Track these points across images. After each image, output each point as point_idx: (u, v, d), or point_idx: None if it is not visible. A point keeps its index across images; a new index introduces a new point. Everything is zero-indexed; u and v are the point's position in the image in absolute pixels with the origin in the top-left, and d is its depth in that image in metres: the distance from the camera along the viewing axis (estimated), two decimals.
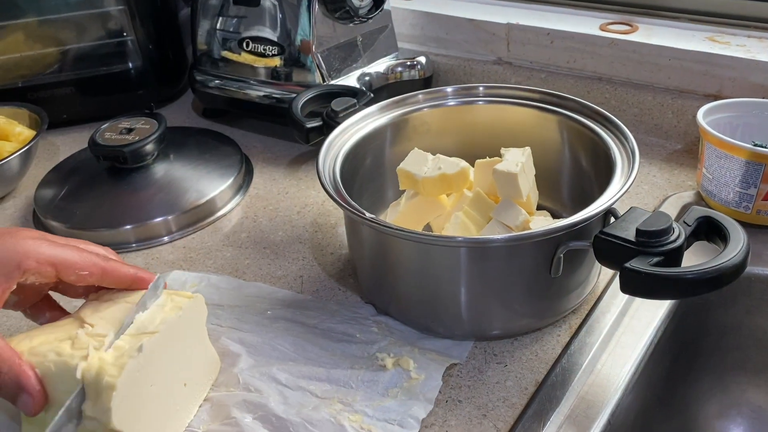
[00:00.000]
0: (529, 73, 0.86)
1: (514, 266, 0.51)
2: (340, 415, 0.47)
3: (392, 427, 0.46)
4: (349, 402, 0.48)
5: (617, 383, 0.51)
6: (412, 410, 0.48)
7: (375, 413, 0.47)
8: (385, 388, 0.49)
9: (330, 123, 0.66)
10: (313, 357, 0.51)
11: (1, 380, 0.42)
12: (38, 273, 0.44)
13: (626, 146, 0.56)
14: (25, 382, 0.42)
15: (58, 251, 0.45)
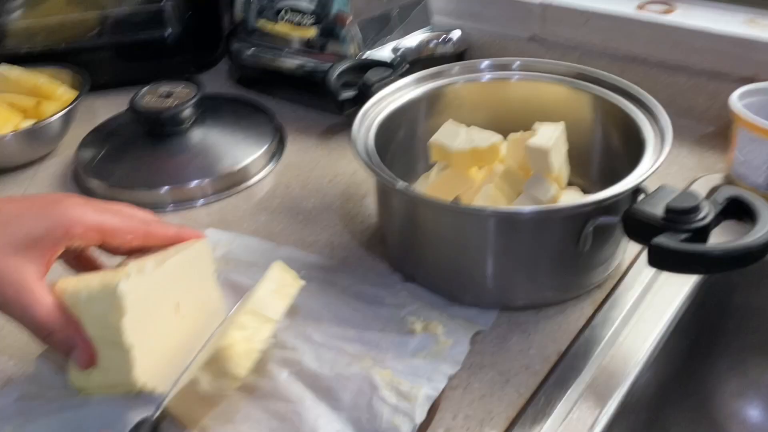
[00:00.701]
0: (563, 51, 0.86)
1: (542, 239, 0.52)
2: (372, 369, 0.49)
3: (421, 380, 0.48)
4: (379, 360, 0.50)
5: (638, 357, 0.52)
6: (440, 367, 0.49)
7: (404, 369, 0.49)
8: (414, 350, 0.51)
9: (364, 94, 0.67)
10: (345, 318, 0.53)
11: (55, 337, 0.44)
12: (84, 239, 0.46)
13: (658, 125, 0.57)
14: (80, 342, 0.44)
15: (104, 218, 0.47)
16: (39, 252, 0.44)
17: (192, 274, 0.51)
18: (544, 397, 0.49)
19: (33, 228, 0.44)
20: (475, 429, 0.47)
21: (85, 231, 0.46)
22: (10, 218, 0.44)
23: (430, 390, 0.47)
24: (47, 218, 0.45)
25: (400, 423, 0.45)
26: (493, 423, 0.48)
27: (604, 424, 0.48)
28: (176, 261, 0.49)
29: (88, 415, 0.47)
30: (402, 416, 0.45)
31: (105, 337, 0.45)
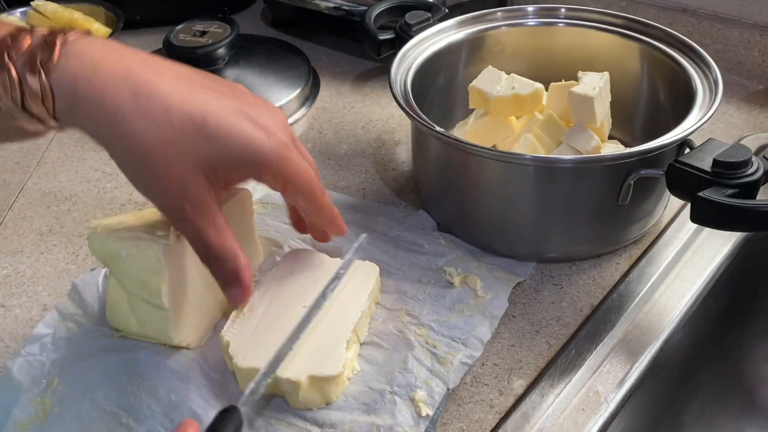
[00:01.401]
0: (610, 0, 0.83)
1: (581, 190, 0.51)
2: (407, 328, 0.49)
3: (457, 345, 0.47)
4: (416, 314, 0.50)
5: (673, 314, 0.51)
6: (476, 330, 0.48)
7: (441, 329, 0.48)
8: (451, 303, 0.50)
9: (403, 36, 0.65)
10: (382, 267, 0.52)
11: (223, 268, 0.42)
12: (272, 183, 0.43)
13: (709, 78, 0.55)
14: (244, 276, 0.42)
15: (304, 175, 0.43)
16: (228, 178, 0.42)
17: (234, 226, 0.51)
18: (574, 349, 0.48)
19: (233, 156, 0.40)
20: (504, 377, 0.47)
21: (279, 179, 0.42)
22: (218, 133, 0.39)
23: (466, 358, 0.47)
24: (253, 153, 0.40)
25: (434, 385, 0.45)
26: (521, 372, 0.47)
27: (634, 379, 0.47)
28: None
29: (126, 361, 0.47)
30: (437, 379, 0.45)
31: (142, 294, 0.45)
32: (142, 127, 0.38)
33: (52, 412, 0.45)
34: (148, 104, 0.38)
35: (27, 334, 0.52)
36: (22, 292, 0.56)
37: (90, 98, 0.38)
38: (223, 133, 0.39)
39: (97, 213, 0.65)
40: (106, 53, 0.38)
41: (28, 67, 0.37)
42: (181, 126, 0.38)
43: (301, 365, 0.43)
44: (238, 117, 0.40)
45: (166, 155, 0.38)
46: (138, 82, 0.38)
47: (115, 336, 0.48)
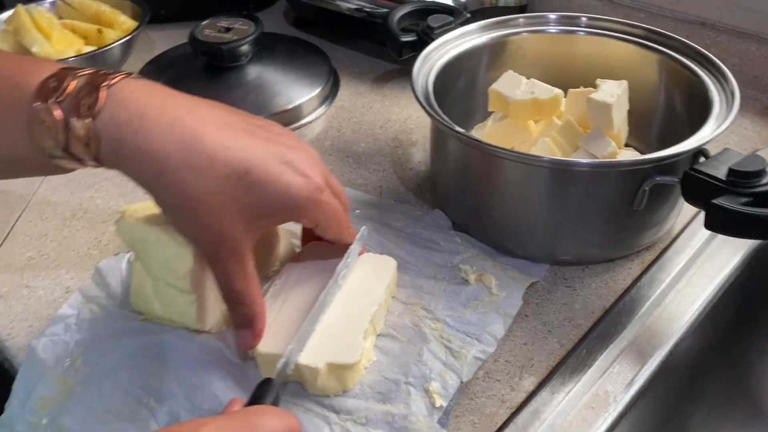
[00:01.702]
0: (628, 11, 0.84)
1: (597, 194, 0.52)
2: (422, 322, 0.50)
3: (471, 340, 0.48)
4: (431, 309, 0.51)
5: (683, 320, 0.52)
6: (490, 327, 0.50)
7: (455, 324, 0.49)
8: (466, 300, 0.51)
9: (425, 39, 0.66)
10: (399, 262, 0.53)
11: (241, 312, 0.44)
12: (307, 224, 0.46)
13: (726, 90, 0.56)
14: (258, 324, 0.44)
15: (340, 215, 0.46)
16: (264, 225, 0.43)
17: None
18: (585, 349, 0.49)
19: (273, 204, 0.41)
20: (516, 374, 0.48)
21: (314, 220, 0.44)
22: (259, 182, 0.40)
23: (479, 353, 0.48)
24: (291, 201, 0.42)
25: (448, 378, 0.46)
26: (533, 369, 0.48)
27: (643, 381, 0.48)
28: None
29: (148, 344, 0.48)
30: (451, 372, 0.46)
31: (167, 278, 0.46)
32: (189, 178, 0.39)
33: (74, 391, 0.46)
34: (194, 155, 0.39)
35: (50, 315, 0.53)
36: (45, 275, 0.58)
37: (137, 146, 0.38)
38: (264, 181, 0.40)
39: (120, 200, 0.66)
40: (150, 100, 0.39)
41: (74, 112, 0.38)
42: (226, 177, 0.39)
43: (319, 353, 0.44)
44: (278, 164, 0.41)
45: (209, 205, 0.40)
46: (184, 131, 0.39)
47: (138, 319, 0.50)
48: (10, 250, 0.60)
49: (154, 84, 0.41)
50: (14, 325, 0.53)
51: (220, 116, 0.42)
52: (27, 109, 0.38)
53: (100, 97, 0.38)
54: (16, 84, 0.39)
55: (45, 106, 0.38)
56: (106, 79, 0.39)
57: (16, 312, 0.54)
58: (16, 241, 0.61)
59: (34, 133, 0.39)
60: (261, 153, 0.41)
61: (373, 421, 0.43)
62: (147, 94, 0.40)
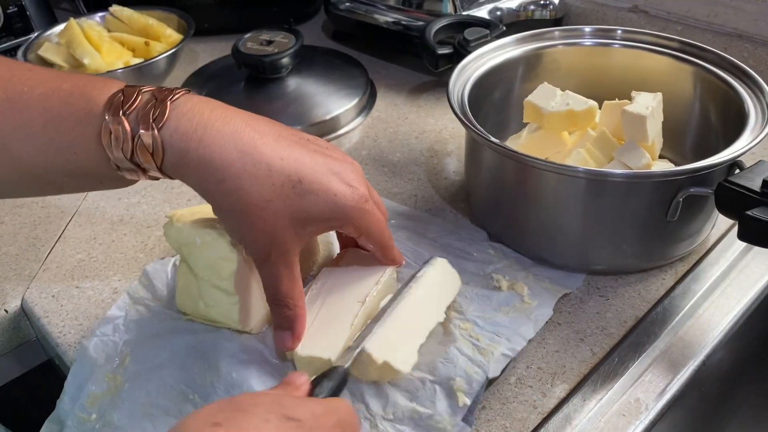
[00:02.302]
0: (664, 24, 0.84)
1: (631, 204, 0.52)
2: (452, 323, 0.51)
3: (500, 339, 0.49)
4: (462, 311, 0.52)
5: (716, 331, 0.52)
6: (521, 329, 0.50)
7: (485, 324, 0.51)
8: (497, 305, 0.53)
9: (461, 51, 0.68)
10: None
11: (283, 314, 0.46)
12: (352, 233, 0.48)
13: (762, 102, 0.56)
14: (298, 327, 0.46)
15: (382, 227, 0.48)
16: (312, 231, 0.45)
17: None
18: (617, 358, 0.50)
19: (322, 211, 0.44)
20: (547, 380, 0.49)
21: (357, 229, 0.47)
22: (310, 190, 0.43)
23: (507, 350, 0.49)
24: (339, 208, 0.44)
25: (473, 373, 0.47)
26: (564, 377, 0.49)
27: (675, 390, 0.49)
28: None
29: (192, 343, 0.50)
30: (476, 368, 0.47)
31: (213, 280, 0.48)
32: (247, 185, 0.42)
33: (123, 388, 0.48)
34: (253, 165, 0.42)
35: (99, 315, 0.56)
36: (95, 276, 0.60)
37: (200, 156, 0.41)
38: (314, 189, 0.43)
39: (165, 206, 0.69)
40: (212, 114, 0.42)
41: (142, 123, 0.41)
42: (281, 185, 0.42)
43: (383, 347, 0.45)
44: (327, 174, 0.44)
45: (265, 211, 0.42)
46: (244, 142, 0.42)
47: (182, 319, 0.52)
48: (62, 252, 0.63)
49: (212, 100, 0.44)
50: (65, 323, 0.56)
51: (274, 130, 0.44)
52: (98, 122, 0.41)
53: (166, 109, 0.41)
54: (87, 99, 0.42)
55: (114, 118, 0.41)
56: (170, 94, 0.42)
57: (67, 311, 0.57)
58: (67, 244, 0.64)
59: (103, 145, 0.42)
60: (311, 163, 0.44)
61: (400, 418, 0.45)
62: (208, 108, 0.43)
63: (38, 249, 0.64)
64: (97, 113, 0.41)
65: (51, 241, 0.65)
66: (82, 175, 0.44)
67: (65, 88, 0.42)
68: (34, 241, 0.65)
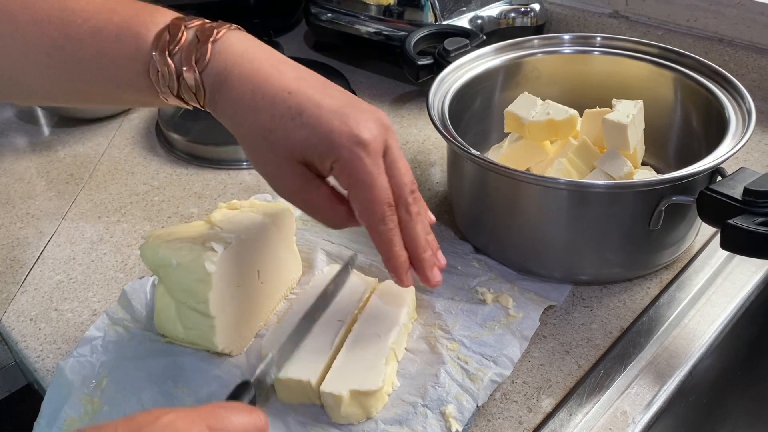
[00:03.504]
0: (645, 29, 0.84)
1: (613, 214, 0.52)
2: (439, 342, 0.50)
3: (487, 362, 0.49)
4: (448, 329, 0.51)
5: (702, 339, 0.52)
6: (507, 349, 0.50)
7: (472, 345, 0.50)
8: (483, 320, 0.52)
9: (441, 62, 0.67)
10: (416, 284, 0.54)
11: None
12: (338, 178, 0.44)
13: (742, 108, 0.56)
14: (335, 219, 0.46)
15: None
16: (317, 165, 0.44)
17: (274, 241, 0.53)
18: (603, 370, 0.49)
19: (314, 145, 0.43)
20: (533, 395, 0.48)
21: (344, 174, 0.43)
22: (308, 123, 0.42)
23: (496, 376, 0.48)
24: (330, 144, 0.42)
25: (464, 401, 0.46)
26: (550, 390, 0.49)
27: (662, 401, 0.48)
28: (261, 231, 0.51)
29: (170, 366, 0.49)
30: (467, 395, 0.47)
31: (190, 302, 0.47)
32: (252, 117, 0.43)
33: (100, 411, 0.47)
34: (261, 97, 0.43)
35: (78, 338, 0.55)
36: (74, 297, 0.59)
37: (223, 95, 0.43)
38: (313, 123, 0.42)
39: (145, 225, 0.68)
40: (245, 55, 0.43)
41: (185, 63, 0.43)
42: (281, 115, 0.42)
43: (343, 380, 0.45)
44: (331, 113, 0.43)
45: (267, 141, 0.43)
46: (260, 78, 0.43)
47: (161, 341, 0.51)
48: (40, 274, 0.62)
49: (252, 39, 0.45)
50: (44, 347, 0.55)
51: (296, 72, 0.44)
52: (146, 58, 0.43)
53: (207, 52, 0.43)
54: (136, 36, 0.43)
55: (161, 57, 0.43)
56: (212, 34, 0.43)
57: (46, 334, 0.56)
58: (46, 266, 0.63)
59: (151, 80, 0.44)
60: (320, 101, 0.43)
61: None
62: (242, 48, 0.44)
63: (16, 271, 0.63)
64: (145, 51, 0.43)
65: (29, 263, 0.64)
66: (133, 100, 0.48)
67: (115, 22, 0.44)
68: (12, 263, 0.64)
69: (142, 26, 0.44)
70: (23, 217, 0.70)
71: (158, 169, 0.76)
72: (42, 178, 0.76)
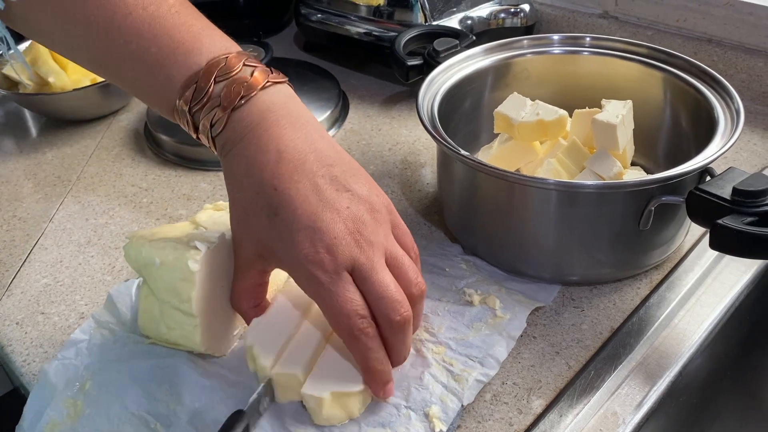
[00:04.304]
0: (635, 30, 0.84)
1: (603, 215, 0.52)
2: (425, 346, 0.50)
3: (473, 363, 0.48)
4: (434, 332, 0.51)
5: (692, 340, 0.52)
6: (493, 350, 0.49)
7: (458, 347, 0.50)
8: (470, 321, 0.52)
9: (431, 62, 0.67)
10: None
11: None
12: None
13: (731, 108, 0.56)
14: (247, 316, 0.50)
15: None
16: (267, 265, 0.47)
17: None
18: (593, 370, 0.49)
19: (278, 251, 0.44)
20: (523, 396, 0.48)
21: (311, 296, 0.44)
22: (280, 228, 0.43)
23: (481, 375, 0.48)
24: (293, 260, 0.43)
25: (449, 401, 0.46)
26: (540, 392, 0.48)
27: (652, 402, 0.48)
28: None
29: (154, 368, 0.49)
30: (451, 395, 0.46)
31: (173, 302, 0.47)
32: (237, 196, 0.45)
33: (83, 414, 0.47)
34: (249, 184, 0.44)
35: (64, 341, 0.54)
36: (61, 301, 0.59)
37: (226, 161, 0.45)
38: (283, 230, 0.43)
39: (133, 226, 0.67)
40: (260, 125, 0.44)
41: (203, 123, 0.44)
42: (260, 208, 0.43)
43: (324, 382, 0.44)
44: (308, 225, 0.42)
45: (242, 223, 0.45)
46: (255, 162, 0.43)
47: (145, 343, 0.50)
48: (26, 277, 0.62)
49: (279, 102, 0.45)
50: (30, 351, 0.54)
51: (300, 157, 0.44)
52: (172, 101, 0.45)
53: (224, 120, 0.44)
54: (166, 76, 0.45)
55: (182, 108, 0.45)
56: (238, 95, 0.43)
57: (32, 338, 0.55)
58: (33, 268, 0.63)
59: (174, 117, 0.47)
60: (302, 205, 0.42)
61: None
62: (260, 119, 0.44)
63: (2, 274, 0.62)
64: (171, 96, 0.45)
65: (16, 266, 0.63)
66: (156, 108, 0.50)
67: (153, 53, 0.45)
68: None
69: (174, 67, 0.44)
70: (9, 219, 0.69)
71: (147, 170, 0.76)
72: (29, 180, 0.75)
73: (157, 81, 0.45)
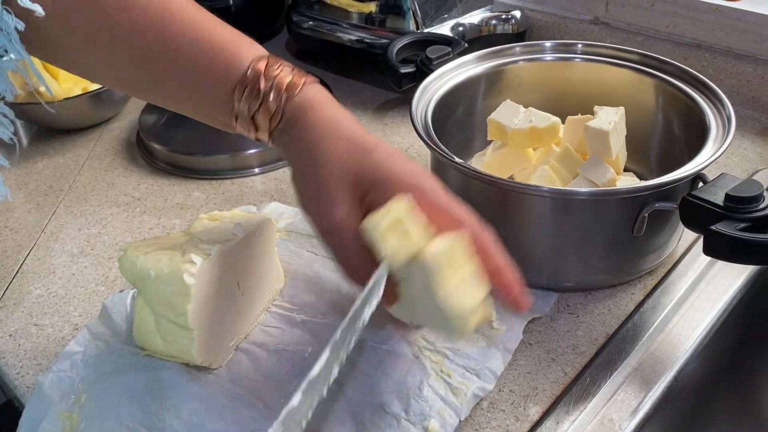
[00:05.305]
0: (625, 36, 0.85)
1: (597, 221, 0.52)
2: (423, 354, 0.50)
3: (470, 375, 0.48)
4: (431, 340, 0.51)
5: (687, 344, 0.52)
6: (490, 362, 0.49)
7: (455, 358, 0.49)
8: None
9: (423, 70, 0.67)
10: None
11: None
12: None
13: (722, 114, 0.56)
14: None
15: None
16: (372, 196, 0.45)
17: (255, 253, 0.53)
18: (589, 377, 0.49)
19: (381, 175, 0.44)
20: (520, 403, 0.48)
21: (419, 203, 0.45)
22: (380, 159, 0.44)
23: (479, 390, 0.48)
24: (406, 174, 0.44)
25: (447, 416, 0.46)
26: (537, 399, 0.49)
27: (648, 407, 0.48)
28: (241, 242, 0.50)
29: (150, 380, 0.48)
30: (450, 410, 0.46)
31: (168, 315, 0.47)
32: (325, 146, 0.44)
33: (78, 427, 0.46)
34: (336, 137, 0.44)
35: (58, 353, 0.54)
36: (54, 312, 0.58)
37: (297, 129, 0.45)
38: (383, 160, 0.44)
39: (126, 236, 0.67)
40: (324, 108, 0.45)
41: (275, 89, 0.45)
42: (355, 148, 0.44)
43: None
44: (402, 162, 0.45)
45: (333, 166, 0.44)
46: (334, 122, 0.45)
47: (141, 355, 0.50)
48: (19, 288, 0.61)
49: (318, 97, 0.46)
50: (23, 363, 0.54)
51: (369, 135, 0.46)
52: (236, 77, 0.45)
53: (299, 87, 0.45)
54: (233, 55, 0.45)
55: (238, 105, 0.45)
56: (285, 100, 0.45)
57: (25, 350, 0.55)
58: (25, 279, 0.62)
59: (234, 97, 0.45)
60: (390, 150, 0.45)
61: None
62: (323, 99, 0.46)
63: None
64: (228, 87, 0.45)
65: (8, 277, 0.63)
66: (192, 111, 0.48)
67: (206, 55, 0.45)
68: None
69: (235, 58, 0.45)
70: (1, 230, 0.69)
71: (139, 179, 0.75)
72: (21, 190, 0.75)
73: (220, 64, 0.45)
